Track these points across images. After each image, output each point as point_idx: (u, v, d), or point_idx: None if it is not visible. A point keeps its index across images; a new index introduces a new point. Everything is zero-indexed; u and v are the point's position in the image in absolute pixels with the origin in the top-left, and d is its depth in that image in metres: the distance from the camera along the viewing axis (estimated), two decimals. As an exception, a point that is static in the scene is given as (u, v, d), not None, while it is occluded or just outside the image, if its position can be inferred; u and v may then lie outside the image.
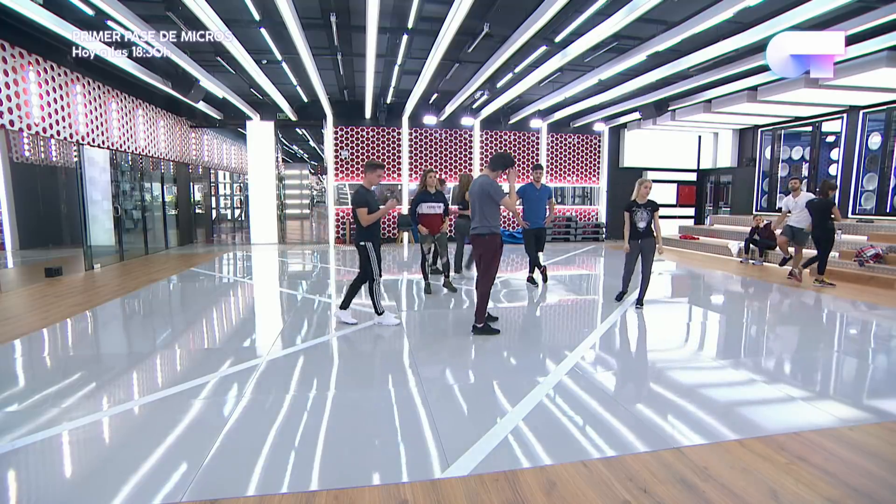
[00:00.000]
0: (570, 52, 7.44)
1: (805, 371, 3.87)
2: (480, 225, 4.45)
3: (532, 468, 2.35)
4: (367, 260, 4.73)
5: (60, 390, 3.30)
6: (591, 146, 14.73)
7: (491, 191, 4.36)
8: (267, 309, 6.18)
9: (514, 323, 5.21)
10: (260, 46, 8.02)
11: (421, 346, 4.36)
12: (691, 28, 6.24)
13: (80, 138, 8.30)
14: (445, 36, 6.78)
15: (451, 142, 13.83)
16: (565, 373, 3.62)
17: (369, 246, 4.71)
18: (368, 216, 4.62)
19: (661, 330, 5.04)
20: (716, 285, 7.71)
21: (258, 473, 2.29)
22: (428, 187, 6.31)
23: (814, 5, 5.45)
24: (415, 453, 2.48)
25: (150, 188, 11.39)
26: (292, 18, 6.23)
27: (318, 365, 3.83)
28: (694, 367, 3.88)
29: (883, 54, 7.05)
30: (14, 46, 6.83)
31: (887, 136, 9.63)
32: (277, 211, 13.27)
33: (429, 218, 6.32)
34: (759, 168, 12.70)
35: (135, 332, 4.95)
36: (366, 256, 4.73)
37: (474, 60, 8.82)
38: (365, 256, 4.74)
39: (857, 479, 2.26)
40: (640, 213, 5.51)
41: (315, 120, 13.37)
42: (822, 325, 5.38)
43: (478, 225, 4.46)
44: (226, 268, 9.34)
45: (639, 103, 10.98)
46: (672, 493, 2.15)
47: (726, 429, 2.77)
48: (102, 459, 2.45)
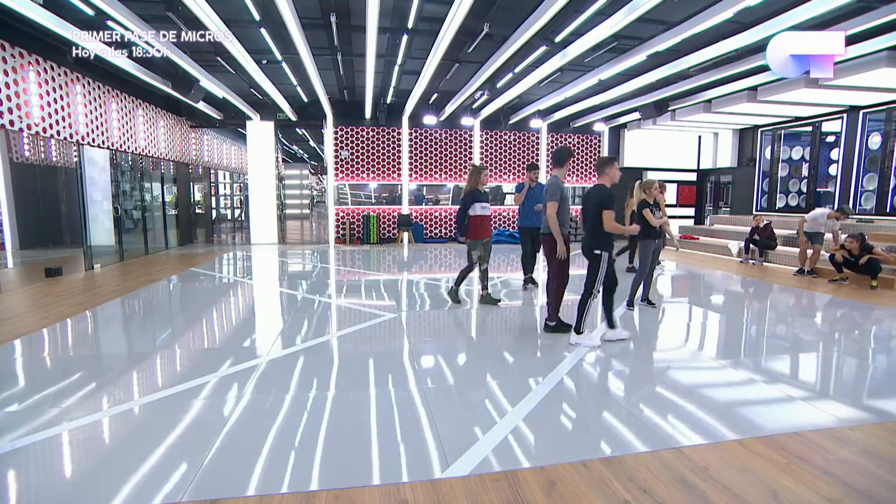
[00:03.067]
0: (570, 52, 7.44)
1: (805, 371, 3.87)
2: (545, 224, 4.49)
3: (532, 468, 2.34)
4: (597, 272, 4.22)
5: (60, 390, 3.30)
6: (591, 146, 14.73)
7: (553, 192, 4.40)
8: (267, 309, 6.17)
9: (513, 323, 5.20)
10: (260, 46, 8.02)
11: (421, 346, 4.36)
12: (691, 28, 6.24)
13: (80, 138, 8.30)
14: (445, 36, 6.78)
15: (451, 142, 13.83)
16: (565, 373, 3.62)
17: (604, 256, 4.20)
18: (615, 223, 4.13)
19: (661, 330, 5.04)
20: (716, 285, 7.71)
21: (258, 473, 2.29)
22: (480, 186, 5.65)
23: (814, 5, 5.45)
24: (415, 453, 2.48)
25: (150, 188, 11.39)
26: (292, 18, 6.23)
27: (318, 365, 3.83)
28: (694, 367, 3.88)
29: (883, 54, 7.05)
30: (14, 46, 6.83)
31: (887, 136, 9.63)
32: (277, 211, 13.28)
33: (482, 220, 5.60)
34: (759, 168, 12.69)
35: (135, 333, 4.95)
36: (596, 268, 4.23)
37: (474, 60, 8.82)
38: (596, 268, 4.23)
39: (857, 479, 2.26)
40: (657, 213, 5.58)
41: (315, 120, 13.37)
42: (822, 325, 5.38)
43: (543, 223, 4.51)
44: (226, 268, 9.34)
45: (639, 103, 10.98)
46: (672, 493, 2.15)
47: (726, 429, 2.77)
48: (102, 459, 2.45)
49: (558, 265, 4.55)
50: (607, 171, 4.23)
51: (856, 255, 7.10)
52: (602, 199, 4.10)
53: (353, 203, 13.71)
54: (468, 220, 5.54)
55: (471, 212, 5.53)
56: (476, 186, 5.60)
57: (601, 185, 4.21)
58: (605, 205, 4.09)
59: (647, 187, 5.64)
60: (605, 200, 4.09)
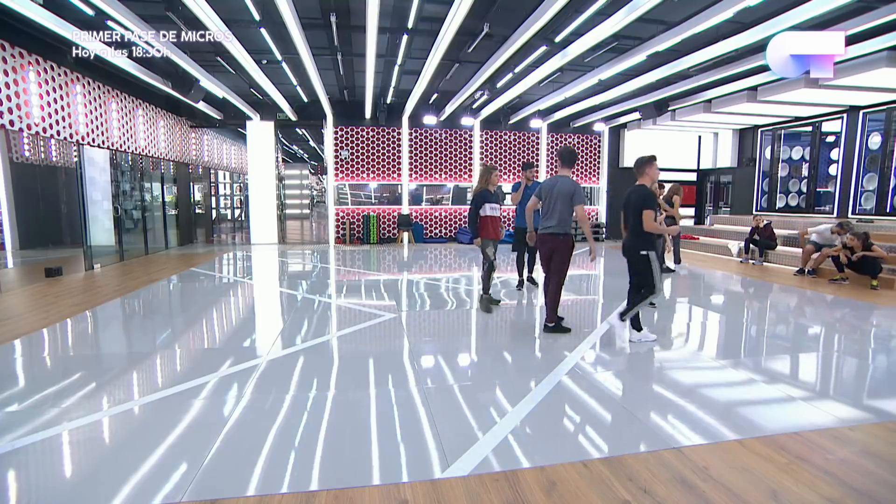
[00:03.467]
0: (570, 52, 7.44)
1: (805, 371, 3.87)
2: (557, 224, 4.48)
3: (532, 468, 2.34)
4: (649, 271, 4.24)
5: (60, 390, 3.30)
6: (591, 146, 14.74)
7: (577, 193, 4.43)
8: (267, 309, 6.17)
9: (513, 322, 5.20)
10: (260, 46, 8.02)
11: (421, 346, 4.36)
12: (691, 28, 6.24)
13: (80, 138, 8.30)
14: (445, 36, 6.78)
15: (451, 142, 13.83)
16: (565, 373, 3.62)
17: (652, 255, 4.23)
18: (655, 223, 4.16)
19: (661, 330, 5.03)
20: (716, 285, 7.71)
21: (258, 473, 2.29)
22: (490, 186, 5.61)
23: (814, 5, 5.45)
24: (415, 453, 2.48)
25: (150, 188, 11.38)
26: (292, 18, 6.23)
27: (318, 365, 3.83)
28: (694, 367, 3.88)
29: (883, 54, 7.05)
30: (14, 46, 6.83)
31: (887, 136, 9.63)
32: (277, 211, 13.27)
33: (493, 221, 5.55)
34: (759, 168, 12.70)
35: (135, 333, 4.95)
36: (647, 268, 4.24)
37: (474, 60, 8.82)
38: (647, 268, 4.24)
39: (857, 479, 2.26)
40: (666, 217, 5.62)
41: (315, 120, 13.38)
42: (822, 325, 5.38)
43: (554, 224, 4.50)
44: (226, 268, 9.34)
45: (639, 103, 10.98)
46: (672, 493, 2.15)
47: (726, 429, 2.77)
48: (102, 459, 2.45)
49: (560, 264, 4.56)
50: (647, 170, 4.26)
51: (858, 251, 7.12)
52: (643, 199, 4.13)
53: (353, 203, 13.71)
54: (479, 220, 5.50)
55: (482, 212, 5.47)
56: (486, 187, 5.55)
57: (641, 186, 4.24)
58: (646, 205, 4.11)
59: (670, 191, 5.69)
60: (646, 201, 4.12)
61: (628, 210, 4.28)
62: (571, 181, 4.50)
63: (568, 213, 4.50)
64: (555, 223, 4.50)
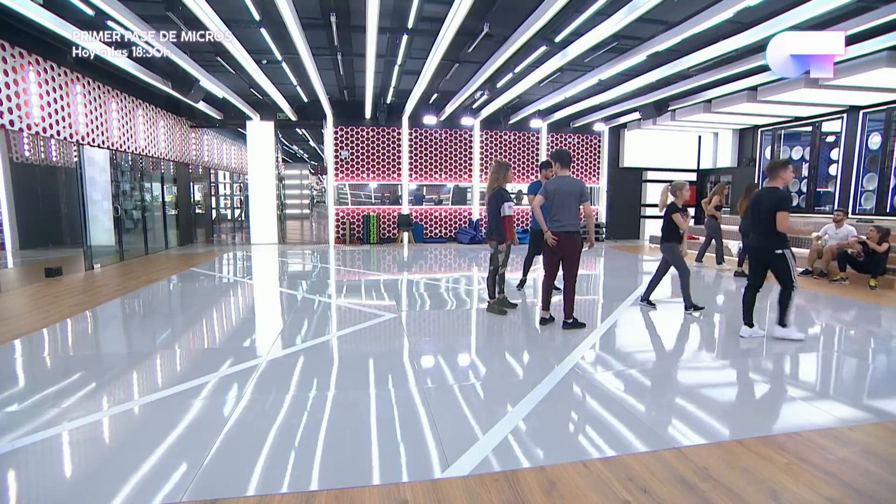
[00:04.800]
0: (570, 52, 7.43)
1: (805, 371, 3.87)
2: (569, 223, 4.68)
3: (532, 468, 2.34)
4: (787, 269, 4.35)
5: (60, 390, 3.30)
6: (591, 146, 14.73)
7: (584, 191, 4.71)
8: (267, 309, 6.17)
9: (513, 322, 5.20)
10: (260, 46, 8.02)
11: (421, 345, 4.36)
12: (691, 28, 6.24)
13: (80, 138, 8.30)
14: (445, 36, 6.78)
15: (451, 142, 13.83)
16: (565, 373, 3.62)
17: (788, 253, 4.32)
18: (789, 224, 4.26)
19: (661, 330, 5.03)
20: (716, 285, 7.71)
21: (258, 473, 2.29)
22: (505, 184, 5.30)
23: (814, 5, 5.45)
24: (415, 453, 2.48)
25: (150, 188, 11.38)
26: (292, 18, 6.23)
27: (318, 365, 3.83)
28: (694, 366, 3.88)
29: (883, 54, 7.05)
30: (14, 46, 6.83)
31: (887, 136, 9.63)
32: (277, 211, 13.27)
33: (510, 221, 5.23)
34: (759, 168, 12.69)
35: (135, 333, 4.95)
36: (785, 265, 4.34)
37: (474, 60, 8.82)
38: (784, 265, 4.35)
39: (857, 479, 2.26)
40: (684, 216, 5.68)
41: (315, 120, 13.37)
42: (822, 325, 5.38)
43: (567, 223, 4.68)
44: (226, 268, 9.34)
45: (639, 103, 10.98)
46: (672, 493, 2.15)
47: (726, 429, 2.77)
48: (102, 459, 2.45)
49: (574, 261, 4.74)
50: (781, 174, 4.43)
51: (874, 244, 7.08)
52: (779, 201, 4.24)
53: (353, 203, 13.71)
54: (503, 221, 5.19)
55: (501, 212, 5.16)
56: (502, 185, 5.24)
57: (774, 188, 4.37)
58: (781, 206, 4.22)
59: (679, 189, 5.72)
60: (782, 202, 4.24)
61: (760, 212, 4.37)
62: (578, 180, 4.74)
63: (577, 211, 4.71)
64: (568, 221, 4.68)
